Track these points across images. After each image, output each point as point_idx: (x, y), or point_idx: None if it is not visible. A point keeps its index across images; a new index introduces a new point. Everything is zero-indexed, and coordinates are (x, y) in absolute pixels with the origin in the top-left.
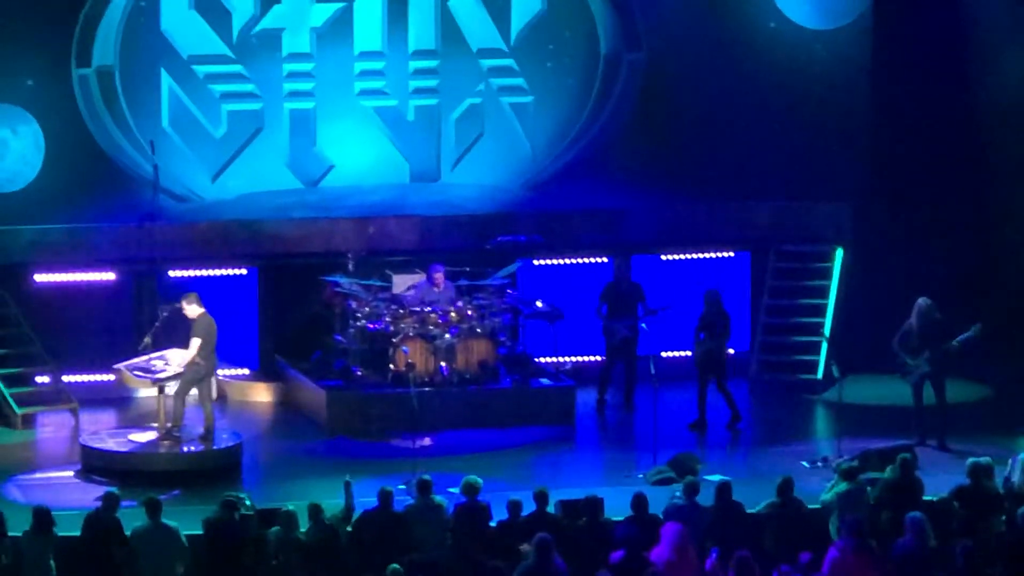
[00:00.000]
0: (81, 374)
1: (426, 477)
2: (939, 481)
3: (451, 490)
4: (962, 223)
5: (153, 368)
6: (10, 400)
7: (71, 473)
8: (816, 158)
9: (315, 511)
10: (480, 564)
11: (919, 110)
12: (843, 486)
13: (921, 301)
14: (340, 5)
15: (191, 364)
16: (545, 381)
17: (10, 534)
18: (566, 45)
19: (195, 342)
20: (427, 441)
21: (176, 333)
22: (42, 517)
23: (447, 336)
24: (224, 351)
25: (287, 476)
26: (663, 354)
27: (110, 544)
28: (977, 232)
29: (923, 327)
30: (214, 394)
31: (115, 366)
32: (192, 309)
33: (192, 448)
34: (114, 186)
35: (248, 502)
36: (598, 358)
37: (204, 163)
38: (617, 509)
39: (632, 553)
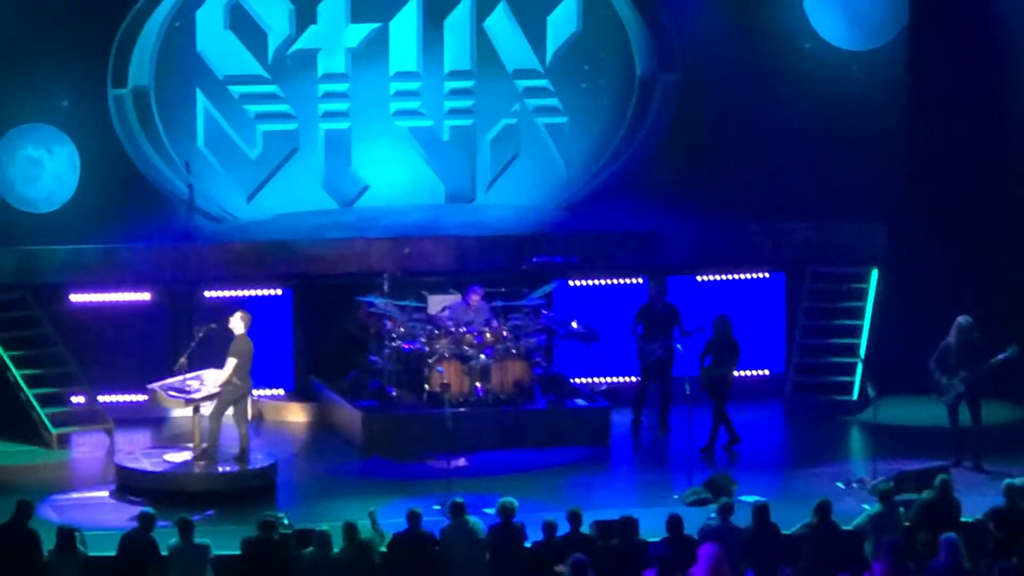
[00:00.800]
0: (116, 394)
1: (459, 499)
2: (975, 502)
3: (486, 511)
4: (998, 243)
5: (188, 388)
6: (45, 420)
7: (106, 493)
8: (851, 179)
9: (350, 531)
10: None
11: (954, 130)
12: (876, 508)
13: (961, 319)
14: (375, 25)
15: (227, 384)
16: (580, 402)
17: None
18: (601, 66)
19: (231, 362)
20: (462, 462)
21: (212, 353)
22: (66, 537)
23: (482, 357)
24: (259, 371)
25: (322, 496)
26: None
27: (146, 564)
28: (1013, 252)
29: (961, 346)
30: (249, 414)
31: (149, 386)
32: (237, 325)
33: (227, 468)
34: (149, 206)
35: (286, 521)
36: (633, 379)
37: (239, 183)
38: (652, 530)
39: (664, 572)
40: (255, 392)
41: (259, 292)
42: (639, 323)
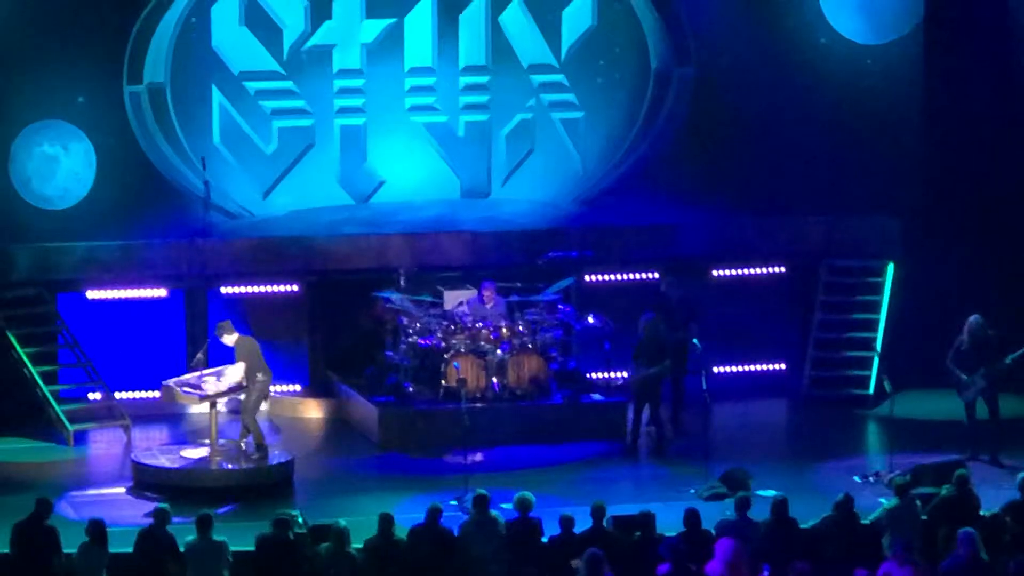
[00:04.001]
0: (133, 391)
1: (482, 492)
2: (992, 496)
3: (503, 506)
4: (1014, 236)
5: (203, 385)
6: (62, 417)
7: (123, 490)
8: (867, 172)
9: (386, 521)
10: None
11: (970, 124)
12: (893, 502)
13: (972, 319)
14: (390, 21)
15: (252, 383)
16: (597, 397)
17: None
18: (616, 60)
19: (241, 366)
20: (478, 457)
21: (229, 349)
22: (97, 530)
23: (499, 352)
24: (275, 367)
25: (339, 492)
26: (716, 369)
27: (164, 560)
28: None
29: (975, 344)
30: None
31: (164, 382)
32: (227, 339)
33: (244, 465)
34: (165, 203)
35: (300, 520)
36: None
37: (255, 179)
38: (669, 524)
39: (678, 566)
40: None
41: (275, 288)
42: (661, 318)
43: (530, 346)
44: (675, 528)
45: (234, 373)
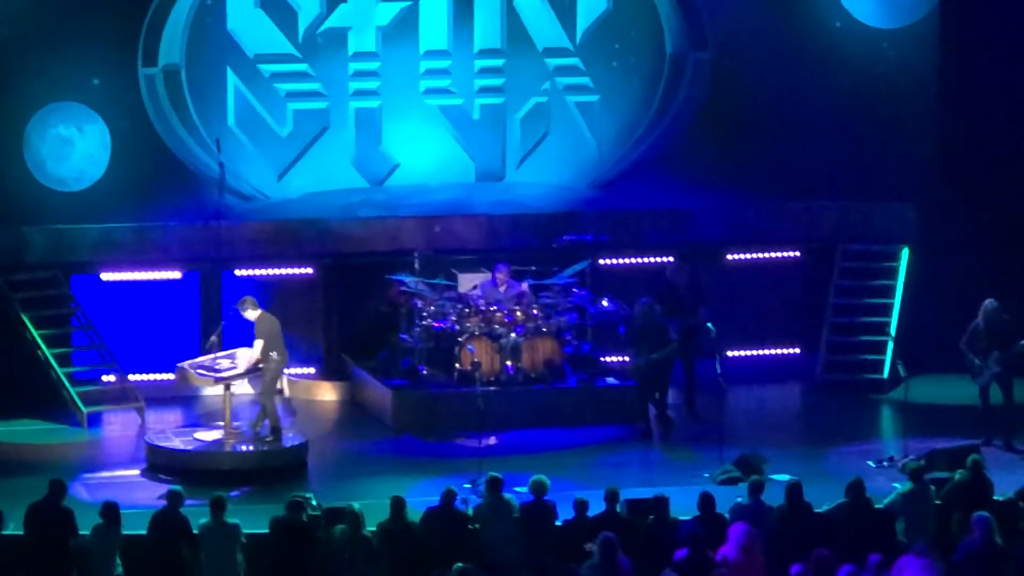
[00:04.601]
0: (147, 373)
1: (496, 475)
2: (1005, 481)
3: (517, 489)
4: None
5: (217, 367)
6: (76, 399)
7: (137, 472)
8: (882, 157)
9: (398, 504)
10: (549, 566)
11: (986, 108)
12: (907, 487)
13: (987, 303)
14: (406, 4)
15: (267, 362)
16: (611, 380)
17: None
18: (632, 44)
19: (258, 344)
20: (493, 440)
21: (243, 331)
22: (111, 512)
23: (513, 335)
24: (290, 350)
25: (353, 475)
26: (730, 353)
27: (178, 542)
28: None
29: (990, 328)
30: (285, 390)
31: (179, 364)
32: (250, 313)
33: (258, 447)
34: (180, 185)
35: (315, 502)
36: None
37: (270, 162)
38: (683, 508)
39: (696, 551)
40: (285, 370)
41: (290, 271)
42: (658, 304)
43: (544, 329)
44: (689, 512)
45: (248, 355)
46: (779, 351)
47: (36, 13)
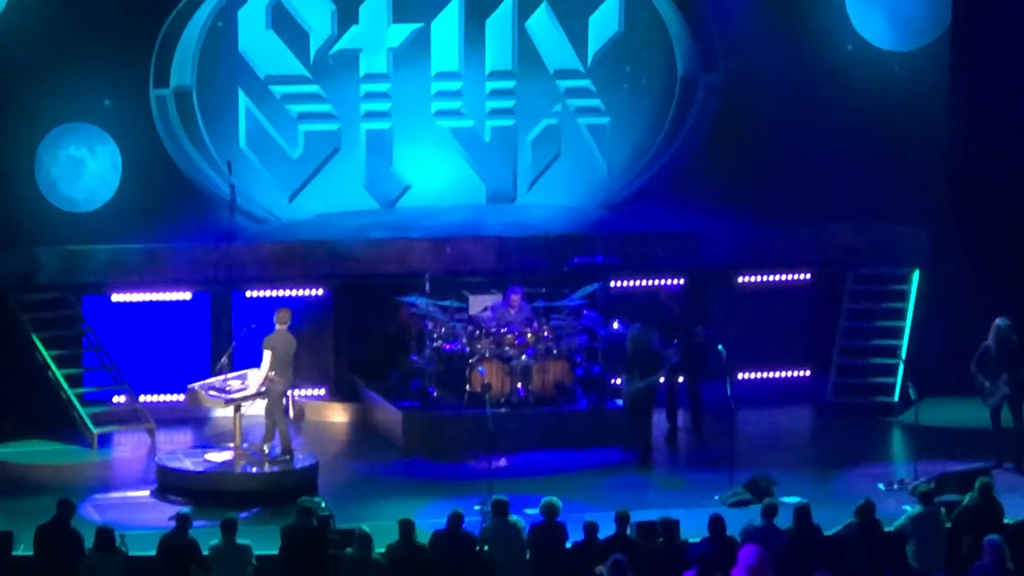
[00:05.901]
0: (157, 394)
1: (502, 498)
2: (1017, 504)
3: (528, 511)
4: None
5: (228, 388)
6: (86, 419)
7: (147, 493)
8: (893, 180)
9: (407, 527)
10: None
11: (997, 131)
12: (917, 509)
13: (999, 321)
14: (417, 26)
15: (267, 381)
16: (621, 402)
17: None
18: (643, 66)
19: (266, 355)
20: (503, 462)
21: (254, 352)
22: (104, 536)
23: (523, 357)
24: (300, 371)
25: (363, 496)
26: (740, 376)
27: (187, 564)
28: None
29: (1000, 348)
30: (291, 413)
31: (189, 385)
32: (280, 326)
33: (269, 468)
34: (191, 206)
35: (323, 505)
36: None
37: (281, 183)
38: (693, 531)
39: (705, 571)
40: (296, 392)
41: (300, 292)
42: (656, 330)
43: (555, 352)
44: (699, 534)
45: (258, 376)
46: (790, 374)
47: (48, 34)
